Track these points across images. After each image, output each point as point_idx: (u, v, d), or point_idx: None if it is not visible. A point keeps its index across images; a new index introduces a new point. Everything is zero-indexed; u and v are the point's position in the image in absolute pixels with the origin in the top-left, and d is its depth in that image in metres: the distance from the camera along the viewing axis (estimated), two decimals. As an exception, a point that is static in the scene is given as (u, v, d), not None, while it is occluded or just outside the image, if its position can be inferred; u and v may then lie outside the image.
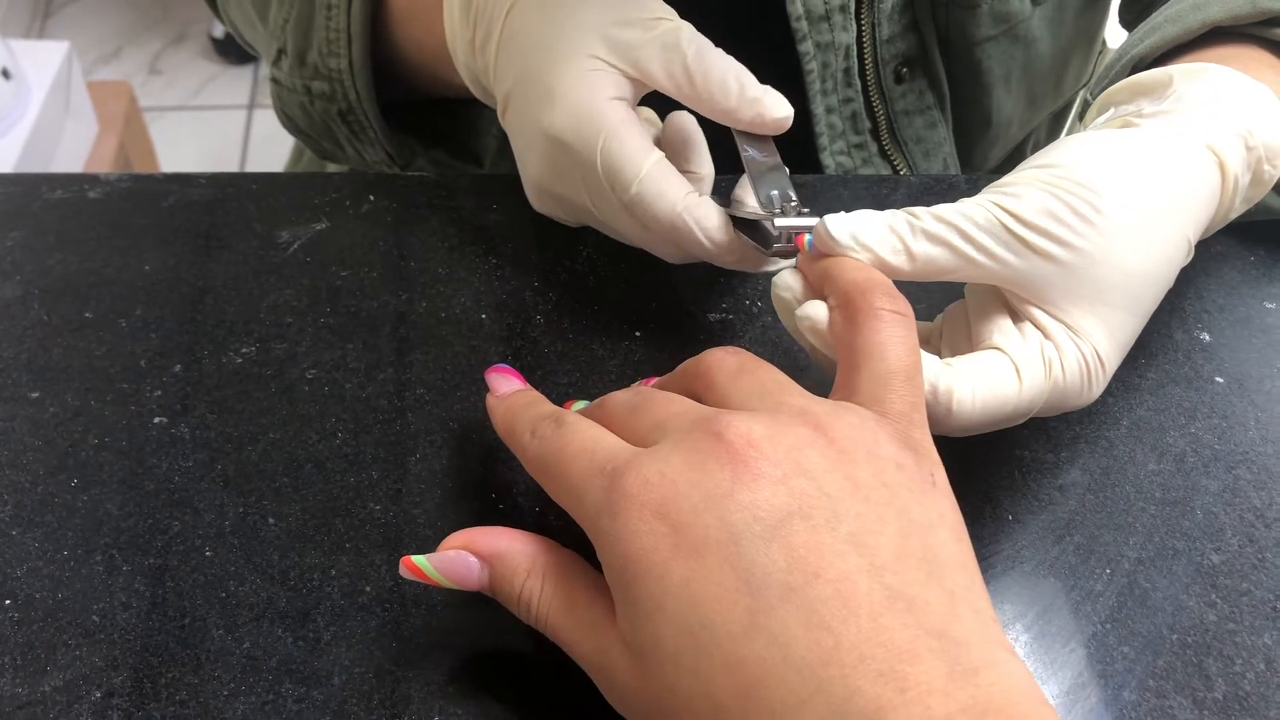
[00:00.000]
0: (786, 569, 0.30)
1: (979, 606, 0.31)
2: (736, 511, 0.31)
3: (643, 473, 0.32)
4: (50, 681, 0.37)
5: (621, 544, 0.31)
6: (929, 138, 0.63)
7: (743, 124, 0.43)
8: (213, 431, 0.43)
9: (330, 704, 0.37)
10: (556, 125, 0.43)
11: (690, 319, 0.48)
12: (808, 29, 0.57)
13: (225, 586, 0.39)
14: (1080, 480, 0.43)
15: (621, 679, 0.32)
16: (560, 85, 0.43)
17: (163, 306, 0.47)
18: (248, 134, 1.89)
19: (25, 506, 0.41)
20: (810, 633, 0.29)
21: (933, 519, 0.32)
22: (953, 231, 0.38)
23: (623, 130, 0.42)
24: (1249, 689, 0.38)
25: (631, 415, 0.36)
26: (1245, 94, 0.41)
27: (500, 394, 0.39)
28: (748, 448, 0.32)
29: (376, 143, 0.56)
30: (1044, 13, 0.62)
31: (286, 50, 0.56)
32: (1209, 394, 0.46)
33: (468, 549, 0.35)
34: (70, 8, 2.06)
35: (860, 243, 0.38)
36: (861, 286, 0.36)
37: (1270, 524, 0.42)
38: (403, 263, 0.49)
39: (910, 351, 0.35)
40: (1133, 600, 0.40)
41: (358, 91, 0.54)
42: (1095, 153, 0.39)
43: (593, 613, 0.33)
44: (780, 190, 0.42)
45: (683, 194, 0.42)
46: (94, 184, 0.52)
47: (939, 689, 0.28)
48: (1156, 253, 0.38)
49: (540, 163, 0.45)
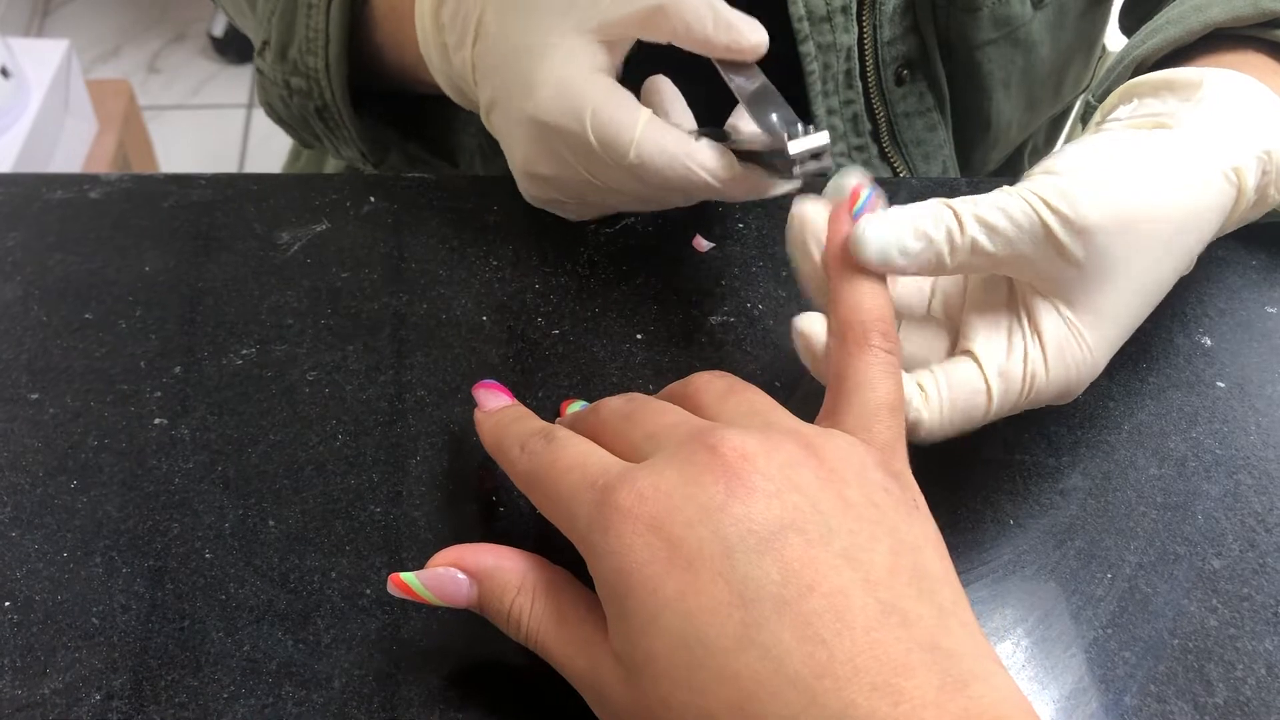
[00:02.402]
0: (780, 582, 0.30)
1: (966, 620, 0.31)
2: (730, 524, 0.31)
3: (636, 487, 0.32)
4: (50, 684, 0.37)
5: (614, 558, 0.31)
6: (929, 140, 0.63)
7: (718, 51, 0.43)
8: (213, 433, 0.43)
9: (330, 707, 0.37)
10: (542, 110, 0.43)
11: (692, 321, 0.48)
12: (809, 30, 0.57)
13: (225, 589, 0.39)
14: (1081, 485, 0.43)
15: (614, 695, 0.32)
16: (538, 72, 0.43)
17: (163, 307, 0.47)
18: (247, 133, 1.89)
19: (25, 508, 0.41)
20: (804, 646, 0.29)
21: (919, 539, 0.32)
22: (996, 237, 0.37)
23: (609, 100, 0.43)
24: (1250, 694, 0.38)
25: (625, 423, 0.36)
26: (1269, 111, 0.41)
27: (488, 409, 0.39)
28: (742, 461, 0.32)
29: (350, 142, 0.57)
30: (1044, 17, 0.62)
31: (270, 43, 0.56)
32: (1210, 399, 0.46)
33: (456, 566, 0.35)
34: (69, 6, 2.06)
35: (888, 264, 0.37)
36: (860, 320, 0.36)
37: (1271, 529, 0.42)
38: (403, 264, 0.49)
39: (898, 386, 0.36)
40: (1134, 605, 0.40)
41: (333, 91, 0.54)
42: (1123, 161, 0.39)
43: (584, 629, 0.33)
44: (778, 112, 0.42)
45: (681, 144, 0.42)
46: (94, 184, 0.52)
47: (931, 701, 0.28)
48: (1163, 268, 0.39)
49: (530, 150, 0.46)
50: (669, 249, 0.50)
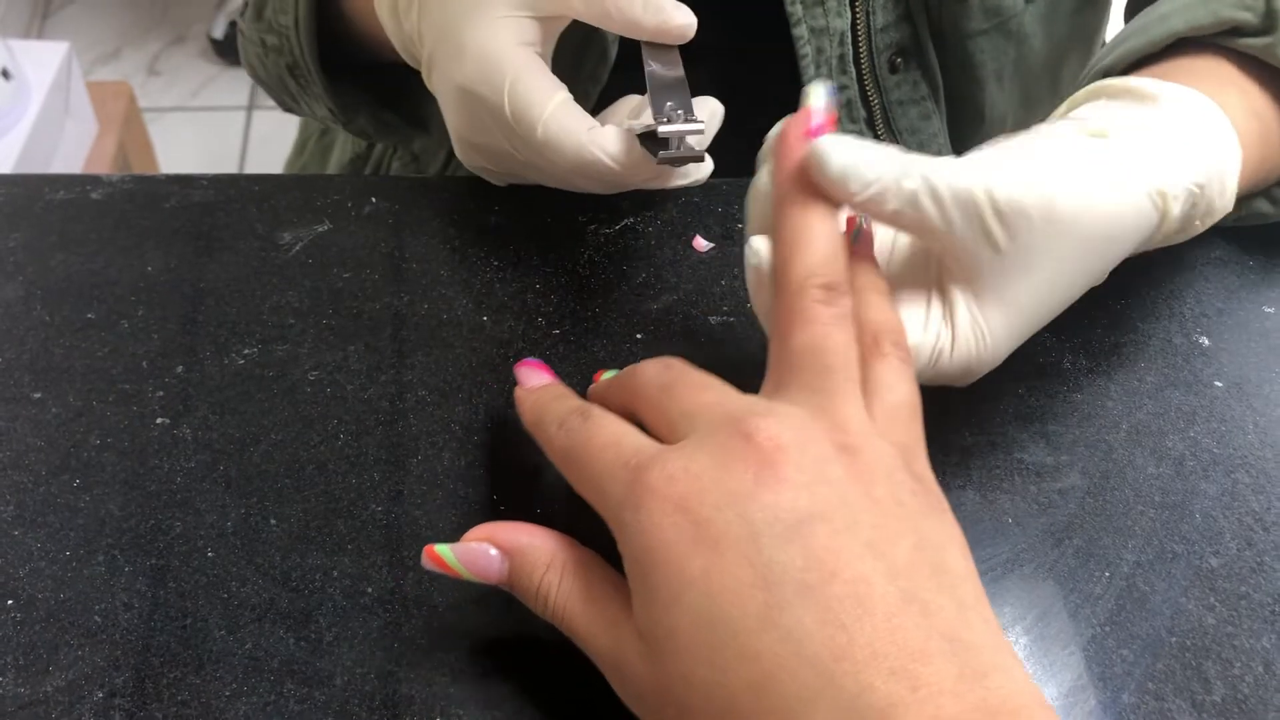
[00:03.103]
0: (804, 568, 0.30)
1: (987, 616, 0.32)
2: (758, 511, 0.31)
3: (667, 468, 0.33)
4: (52, 682, 0.37)
5: (642, 535, 0.32)
6: (923, 129, 0.63)
7: (647, 33, 0.44)
8: (215, 432, 0.44)
9: (332, 705, 0.37)
10: (466, 76, 0.44)
11: (692, 321, 0.48)
12: (802, 13, 0.57)
13: (227, 587, 0.39)
14: (1079, 484, 0.43)
15: (635, 672, 0.32)
16: (468, 38, 0.44)
17: (165, 307, 0.47)
18: (247, 135, 1.89)
19: (28, 507, 0.41)
20: (824, 629, 0.30)
21: (943, 539, 0.33)
22: (930, 199, 0.38)
23: (526, 74, 0.43)
24: (1247, 692, 0.38)
25: (662, 395, 0.36)
26: (1215, 140, 0.42)
27: (529, 387, 0.40)
28: (775, 451, 0.32)
29: (320, 99, 0.58)
30: (1037, 9, 0.63)
31: (250, 2, 0.59)
32: (1208, 398, 0.46)
33: (489, 542, 0.36)
34: (70, 8, 2.06)
35: (855, 178, 0.37)
36: (875, 328, 0.37)
37: (1269, 528, 0.42)
38: (404, 265, 0.50)
39: (915, 390, 0.37)
40: (1132, 603, 0.40)
41: (302, 48, 0.56)
42: (1054, 164, 0.39)
43: (610, 607, 0.34)
44: (676, 101, 0.43)
45: (585, 126, 0.43)
46: (96, 185, 0.52)
47: (949, 689, 0.29)
48: (1077, 273, 0.39)
49: (458, 115, 0.47)
50: (669, 249, 0.50)
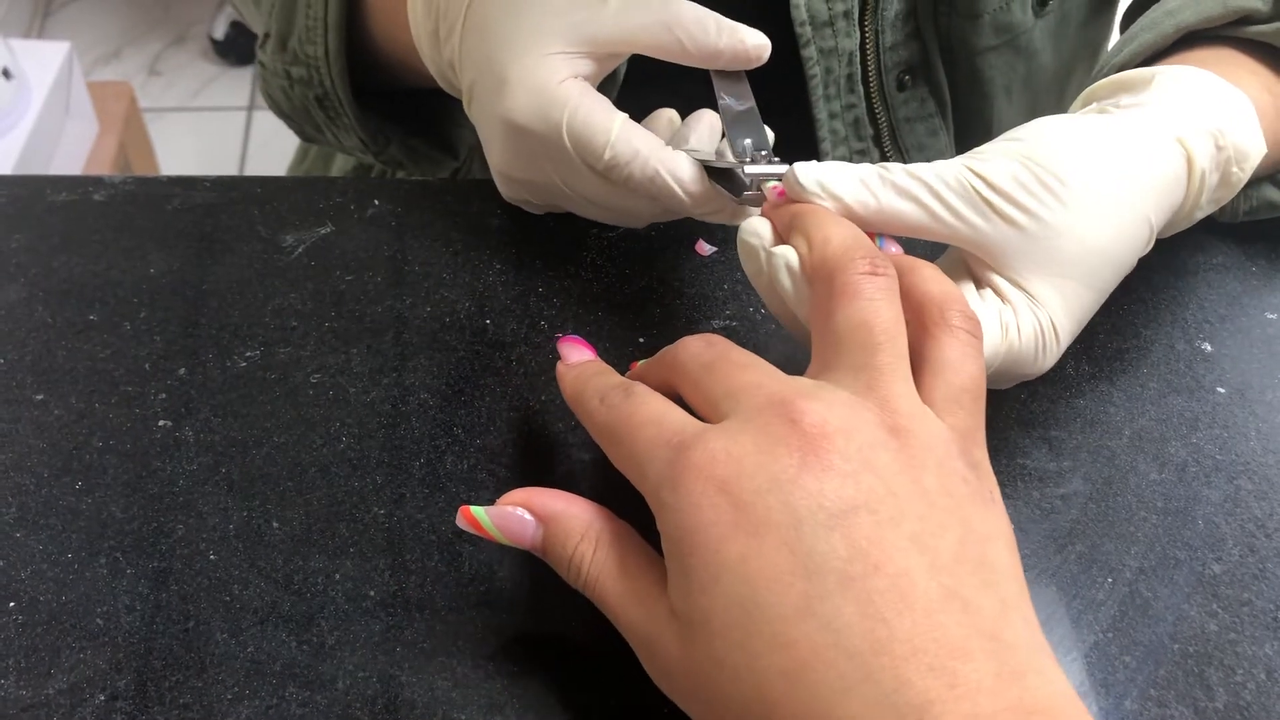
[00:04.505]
0: (846, 558, 0.30)
1: (1028, 616, 0.31)
2: (802, 498, 0.31)
3: (709, 448, 0.32)
4: (54, 684, 0.37)
5: (681, 515, 0.32)
6: (930, 145, 0.63)
7: (723, 59, 0.43)
8: (217, 435, 0.43)
9: (334, 708, 0.37)
10: (515, 112, 0.43)
11: (695, 325, 0.48)
12: (811, 34, 0.57)
13: (229, 590, 0.39)
14: (1082, 489, 0.43)
15: (667, 650, 0.32)
16: (514, 74, 0.43)
17: (167, 310, 0.47)
18: (247, 135, 1.89)
19: (29, 509, 0.41)
20: (865, 622, 0.29)
21: (991, 531, 0.32)
22: (922, 188, 0.39)
23: (584, 103, 0.43)
24: (1250, 699, 0.38)
25: (705, 374, 0.36)
26: (1221, 97, 0.42)
27: (571, 362, 0.40)
28: (821, 438, 0.32)
29: (351, 129, 0.57)
30: (1046, 25, 0.63)
31: (271, 34, 0.57)
32: (1210, 404, 0.46)
33: (525, 507, 0.36)
34: (70, 8, 2.06)
35: (828, 191, 0.39)
36: (938, 300, 0.36)
37: (1271, 534, 0.42)
38: (407, 267, 0.50)
39: (981, 371, 0.35)
40: (1134, 610, 0.40)
41: (333, 79, 0.55)
42: (1064, 131, 0.40)
43: (644, 582, 0.33)
44: (754, 138, 0.43)
45: (656, 149, 0.43)
46: (98, 187, 0.52)
47: (988, 688, 0.28)
48: (1115, 230, 0.39)
49: (503, 150, 0.46)
50: (672, 253, 0.50)
